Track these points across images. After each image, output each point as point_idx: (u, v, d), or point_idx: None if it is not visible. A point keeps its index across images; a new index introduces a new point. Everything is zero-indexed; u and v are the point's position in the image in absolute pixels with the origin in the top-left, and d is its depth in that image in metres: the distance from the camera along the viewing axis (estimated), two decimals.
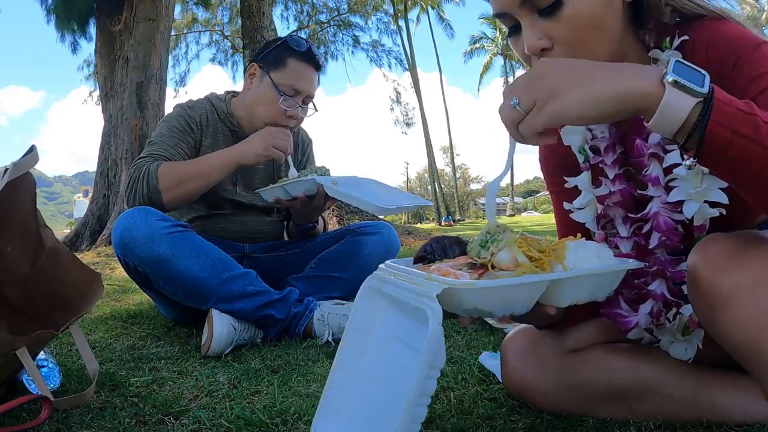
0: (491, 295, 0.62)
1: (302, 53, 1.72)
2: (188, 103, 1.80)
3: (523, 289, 0.63)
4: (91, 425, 0.92)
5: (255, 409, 0.97)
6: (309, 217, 1.76)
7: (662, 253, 0.80)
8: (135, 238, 1.43)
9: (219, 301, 1.43)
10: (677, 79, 0.58)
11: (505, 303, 0.63)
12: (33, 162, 1.02)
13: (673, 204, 0.77)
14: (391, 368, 0.71)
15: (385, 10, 15.95)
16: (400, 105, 20.77)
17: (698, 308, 0.71)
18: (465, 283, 0.60)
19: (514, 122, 0.64)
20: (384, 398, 0.69)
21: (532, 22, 0.75)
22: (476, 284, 0.60)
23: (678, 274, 0.79)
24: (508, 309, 0.64)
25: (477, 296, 0.61)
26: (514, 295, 0.63)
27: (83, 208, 7.99)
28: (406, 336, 0.70)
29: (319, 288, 1.69)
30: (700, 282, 0.68)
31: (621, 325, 0.84)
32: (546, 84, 0.61)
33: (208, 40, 14.88)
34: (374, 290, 0.75)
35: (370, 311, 0.76)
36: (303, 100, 1.74)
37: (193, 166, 1.59)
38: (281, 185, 1.62)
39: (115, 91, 6.37)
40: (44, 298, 1.11)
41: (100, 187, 6.35)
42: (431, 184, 38.03)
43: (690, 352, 0.81)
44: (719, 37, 0.75)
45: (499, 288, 0.61)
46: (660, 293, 0.81)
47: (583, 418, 0.86)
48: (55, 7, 7.20)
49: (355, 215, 7.00)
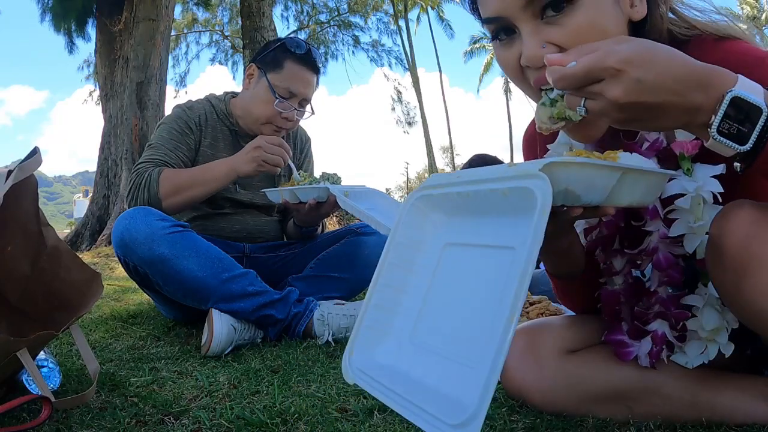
0: (585, 174, 0.58)
1: (300, 56, 1.71)
2: (187, 103, 1.80)
3: (606, 173, 0.60)
4: (91, 425, 0.92)
5: (255, 409, 0.97)
6: (313, 222, 1.76)
7: (664, 290, 0.78)
8: (135, 238, 1.43)
9: (219, 301, 1.43)
10: (716, 137, 0.59)
11: (591, 185, 0.60)
12: (36, 164, 1.02)
13: (673, 238, 0.75)
14: (460, 276, 0.64)
15: (385, 10, 15.96)
16: (401, 104, 20.80)
17: (721, 275, 0.68)
18: (565, 159, 0.56)
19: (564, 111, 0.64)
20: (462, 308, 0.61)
21: (534, 29, 0.70)
22: (575, 159, 0.57)
23: (681, 314, 0.77)
24: (591, 194, 0.60)
25: (574, 174, 0.57)
26: (600, 176, 0.60)
27: (83, 208, 8.00)
28: (479, 237, 0.63)
29: (319, 288, 1.70)
30: (726, 249, 0.66)
31: (621, 356, 0.83)
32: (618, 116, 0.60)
33: (208, 40, 14.89)
34: (424, 199, 0.68)
35: (419, 224, 0.68)
36: (300, 102, 1.74)
37: (194, 174, 1.61)
38: (291, 189, 1.62)
39: (115, 91, 6.38)
40: (44, 298, 1.11)
41: (100, 187, 6.36)
42: None
43: (692, 364, 0.80)
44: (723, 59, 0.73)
45: (593, 166, 0.59)
46: (661, 333, 0.79)
47: (582, 419, 0.86)
48: (51, 6, 7.19)
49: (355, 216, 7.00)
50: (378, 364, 0.64)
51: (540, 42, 0.69)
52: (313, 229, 1.84)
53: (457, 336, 0.59)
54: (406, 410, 0.55)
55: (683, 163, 0.73)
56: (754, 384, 0.82)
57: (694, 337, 0.78)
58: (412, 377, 0.60)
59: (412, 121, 21.69)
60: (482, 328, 0.54)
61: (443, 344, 0.60)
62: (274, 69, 1.71)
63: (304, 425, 0.90)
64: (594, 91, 0.59)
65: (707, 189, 0.72)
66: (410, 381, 0.60)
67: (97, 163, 6.50)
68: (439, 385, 0.57)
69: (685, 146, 0.73)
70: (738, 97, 0.57)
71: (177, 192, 1.58)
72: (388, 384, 0.59)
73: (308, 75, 1.73)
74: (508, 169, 0.58)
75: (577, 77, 0.60)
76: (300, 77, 1.72)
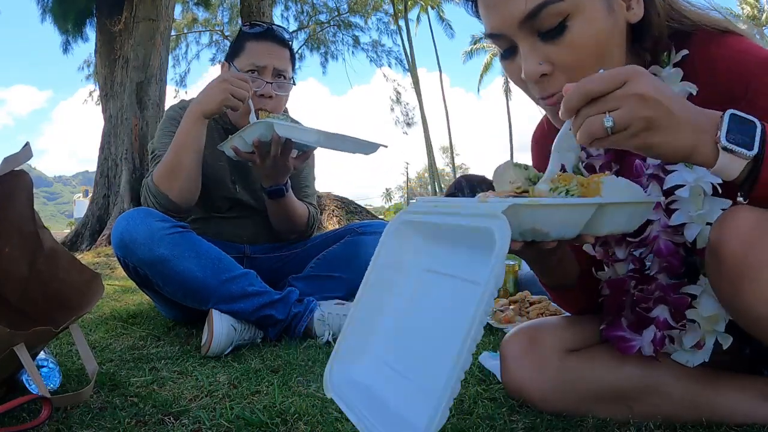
0: (552, 214, 0.60)
1: (257, 33, 1.69)
2: (180, 104, 1.80)
3: (577, 211, 0.62)
4: (91, 425, 0.92)
5: (255, 409, 0.97)
6: (274, 176, 1.63)
7: (664, 278, 0.79)
8: (135, 239, 1.43)
9: (219, 302, 1.42)
10: (726, 146, 0.61)
11: (561, 223, 0.62)
12: (25, 157, 0.99)
13: (674, 227, 0.76)
14: (431, 303, 0.67)
15: (385, 10, 15.96)
16: (400, 105, 20.79)
17: (719, 281, 0.69)
18: (530, 201, 0.59)
19: (595, 136, 0.61)
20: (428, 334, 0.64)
21: (531, 46, 0.72)
22: (540, 201, 0.60)
23: (680, 299, 0.77)
24: (562, 230, 0.63)
25: (539, 214, 0.60)
26: (569, 215, 0.62)
27: (83, 208, 8.00)
28: (452, 267, 0.66)
29: (319, 288, 1.69)
30: (725, 255, 0.66)
31: (622, 351, 0.83)
32: (646, 114, 0.60)
33: (208, 40, 14.90)
34: (407, 224, 0.71)
35: (400, 247, 0.71)
36: (274, 76, 1.68)
37: (172, 147, 1.56)
38: (237, 133, 1.55)
39: (115, 91, 6.37)
40: (44, 298, 1.11)
41: (100, 187, 6.35)
42: (431, 184, 38.02)
43: (693, 362, 0.80)
44: (724, 56, 0.74)
45: (560, 206, 0.61)
46: (663, 320, 0.79)
47: (582, 418, 0.86)
48: (51, 7, 7.19)
49: (355, 215, 7.01)
50: (353, 381, 0.67)
51: (537, 59, 0.72)
52: (280, 189, 1.66)
53: (421, 361, 0.62)
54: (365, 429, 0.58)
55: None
56: (754, 384, 0.82)
57: (692, 327, 0.78)
58: (379, 396, 0.64)
59: (411, 122, 21.69)
60: (441, 359, 0.56)
61: (409, 368, 0.63)
62: (237, 55, 1.70)
63: (304, 425, 0.90)
64: (617, 96, 0.60)
65: (706, 180, 0.73)
66: (376, 400, 0.63)
67: (97, 163, 6.50)
68: (399, 407, 0.60)
69: None
70: (735, 113, 0.62)
71: (170, 175, 1.54)
72: (357, 401, 0.63)
73: (269, 46, 1.69)
74: (478, 205, 0.61)
75: (603, 81, 0.60)
76: (260, 50, 1.68)
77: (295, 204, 1.76)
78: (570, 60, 0.71)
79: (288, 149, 1.55)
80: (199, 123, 1.54)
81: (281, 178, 1.64)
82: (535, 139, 1.00)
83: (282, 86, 1.70)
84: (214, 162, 1.72)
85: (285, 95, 1.73)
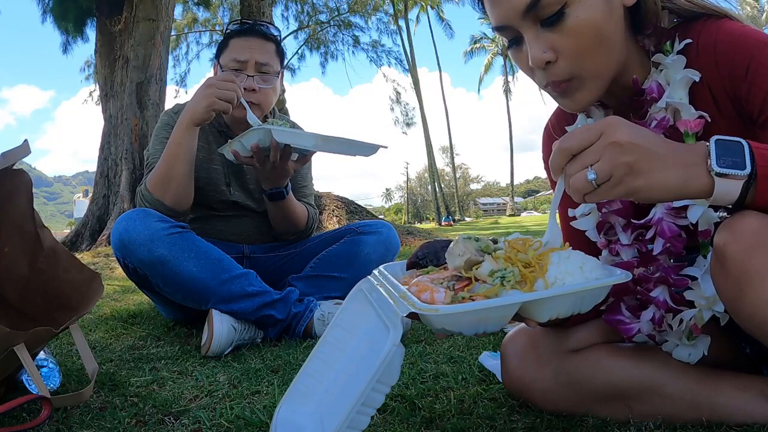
0: (456, 319, 0.63)
1: (240, 30, 1.71)
2: (174, 108, 1.79)
3: (490, 312, 0.64)
4: (91, 425, 0.92)
5: (255, 409, 0.97)
6: (274, 180, 1.64)
7: (666, 260, 0.80)
8: (134, 240, 1.43)
9: (219, 302, 1.42)
10: (720, 171, 0.62)
11: (474, 324, 0.64)
12: (23, 153, 0.98)
13: (677, 209, 0.77)
14: (357, 370, 0.74)
15: (385, 10, 15.97)
16: (400, 105, 20.82)
17: (723, 285, 0.69)
18: (428, 308, 0.62)
19: (583, 191, 0.64)
20: (342, 397, 0.72)
21: (535, 35, 0.75)
22: (439, 309, 0.62)
23: (681, 281, 0.78)
24: (479, 328, 0.65)
25: (442, 320, 0.63)
26: (481, 317, 0.64)
27: (83, 208, 7.99)
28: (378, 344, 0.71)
29: (319, 288, 1.69)
30: (730, 259, 0.66)
31: (623, 332, 0.83)
32: (624, 160, 0.62)
33: (208, 40, 14.91)
34: (363, 294, 0.79)
35: (357, 312, 0.79)
36: (256, 70, 1.67)
37: (164, 156, 1.56)
38: (237, 138, 1.55)
39: (115, 91, 6.37)
40: (44, 298, 1.11)
41: (100, 187, 6.36)
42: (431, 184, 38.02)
43: (694, 356, 0.80)
44: (724, 39, 0.75)
45: (464, 313, 0.62)
46: (662, 300, 0.80)
47: (583, 418, 0.86)
48: (52, 8, 7.19)
49: (355, 215, 7.01)
50: (296, 423, 0.75)
51: (541, 48, 0.75)
52: (280, 191, 1.68)
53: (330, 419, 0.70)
54: None
55: (687, 140, 0.76)
56: (754, 383, 0.82)
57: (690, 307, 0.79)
58: None
59: (411, 122, 21.72)
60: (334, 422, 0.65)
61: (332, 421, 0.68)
62: (222, 53, 1.71)
63: None
64: (595, 149, 0.63)
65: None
66: None
67: (97, 163, 6.50)
68: None
69: (689, 124, 0.76)
70: (719, 138, 0.63)
71: (163, 184, 1.55)
72: None
73: (251, 41, 1.69)
74: (398, 298, 0.67)
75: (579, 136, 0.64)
76: (242, 45, 1.68)
77: (295, 205, 1.77)
78: (571, 46, 0.74)
79: (287, 154, 1.55)
80: (189, 131, 1.54)
81: (281, 181, 1.65)
82: (545, 133, 1.01)
83: (266, 79, 1.70)
84: (209, 165, 1.73)
85: (270, 87, 1.71)
